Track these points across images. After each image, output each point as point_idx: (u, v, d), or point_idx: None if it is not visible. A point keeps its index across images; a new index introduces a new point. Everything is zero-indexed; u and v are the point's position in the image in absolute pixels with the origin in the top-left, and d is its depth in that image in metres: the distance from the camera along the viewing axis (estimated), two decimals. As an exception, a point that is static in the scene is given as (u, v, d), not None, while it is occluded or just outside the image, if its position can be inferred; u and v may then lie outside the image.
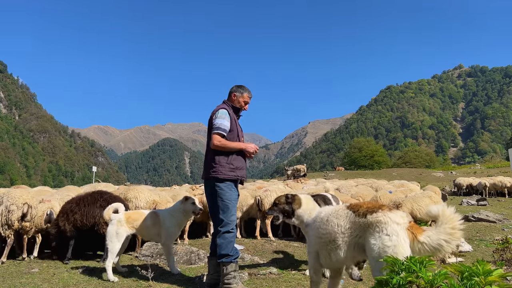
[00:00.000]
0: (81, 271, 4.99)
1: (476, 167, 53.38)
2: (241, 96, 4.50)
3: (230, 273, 4.04)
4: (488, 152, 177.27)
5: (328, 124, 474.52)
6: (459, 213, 2.87)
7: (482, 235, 7.61)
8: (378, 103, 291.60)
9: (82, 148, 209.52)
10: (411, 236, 2.83)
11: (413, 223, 2.98)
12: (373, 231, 2.92)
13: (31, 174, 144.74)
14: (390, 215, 2.90)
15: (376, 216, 2.93)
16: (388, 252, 2.74)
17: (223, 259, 4.07)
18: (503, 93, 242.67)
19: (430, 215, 2.94)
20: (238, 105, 4.48)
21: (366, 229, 2.98)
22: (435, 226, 2.84)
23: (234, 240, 4.19)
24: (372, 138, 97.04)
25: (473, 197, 16.04)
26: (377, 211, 2.97)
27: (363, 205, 3.14)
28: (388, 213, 2.93)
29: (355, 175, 36.01)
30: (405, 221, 2.90)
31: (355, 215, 3.09)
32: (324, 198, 5.25)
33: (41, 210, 6.00)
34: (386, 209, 3.01)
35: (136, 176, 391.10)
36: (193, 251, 5.70)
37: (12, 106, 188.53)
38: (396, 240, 2.79)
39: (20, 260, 5.76)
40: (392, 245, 2.79)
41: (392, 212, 2.95)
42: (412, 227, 2.89)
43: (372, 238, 2.91)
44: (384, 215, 2.91)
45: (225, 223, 4.12)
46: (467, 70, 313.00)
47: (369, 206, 3.09)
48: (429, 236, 2.80)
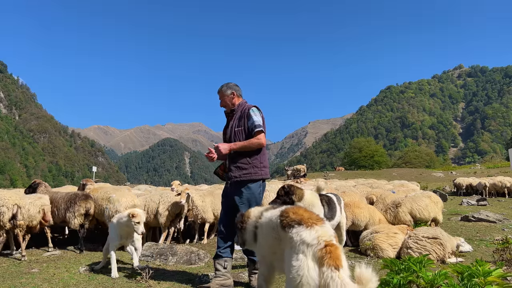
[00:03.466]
0: (81, 271, 4.99)
1: (476, 167, 53.38)
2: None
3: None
4: (488, 152, 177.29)
5: (328, 124, 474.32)
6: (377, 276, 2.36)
7: (482, 235, 7.61)
8: (378, 103, 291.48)
9: (82, 148, 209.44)
10: (320, 262, 2.40)
11: (334, 248, 2.42)
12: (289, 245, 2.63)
13: (31, 174, 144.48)
14: (303, 233, 2.51)
15: (290, 231, 2.60)
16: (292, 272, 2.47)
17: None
18: (503, 93, 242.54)
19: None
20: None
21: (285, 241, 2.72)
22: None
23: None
24: (372, 138, 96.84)
25: (473, 197, 16.02)
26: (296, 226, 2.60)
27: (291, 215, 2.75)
28: (304, 230, 2.53)
29: (355, 175, 36.01)
30: (319, 242, 2.45)
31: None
32: (328, 199, 5.09)
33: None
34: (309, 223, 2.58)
35: (136, 176, 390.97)
36: (193, 251, 5.70)
37: (12, 106, 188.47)
38: (303, 261, 2.44)
39: (20, 260, 5.76)
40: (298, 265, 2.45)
41: (309, 229, 2.52)
42: (328, 252, 2.39)
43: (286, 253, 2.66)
44: (297, 232, 2.54)
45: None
46: (467, 70, 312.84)
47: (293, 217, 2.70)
48: (332, 277, 2.31)
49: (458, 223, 9.35)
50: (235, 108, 4.42)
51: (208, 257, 5.64)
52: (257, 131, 4.15)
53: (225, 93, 4.41)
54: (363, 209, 6.79)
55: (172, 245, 6.08)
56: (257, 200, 4.20)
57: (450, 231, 7.45)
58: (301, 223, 2.56)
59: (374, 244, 5.67)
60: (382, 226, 6.34)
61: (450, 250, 5.40)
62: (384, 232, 5.81)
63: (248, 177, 4.15)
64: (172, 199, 6.95)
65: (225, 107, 4.48)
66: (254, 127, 4.16)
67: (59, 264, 5.47)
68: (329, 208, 4.95)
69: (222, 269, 4.18)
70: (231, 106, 4.43)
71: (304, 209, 2.82)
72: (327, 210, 4.90)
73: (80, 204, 6.49)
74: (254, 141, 4.14)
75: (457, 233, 7.72)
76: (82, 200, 6.55)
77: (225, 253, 4.22)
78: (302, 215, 2.64)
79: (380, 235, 5.76)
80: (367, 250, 5.77)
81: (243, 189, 4.17)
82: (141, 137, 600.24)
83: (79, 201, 6.51)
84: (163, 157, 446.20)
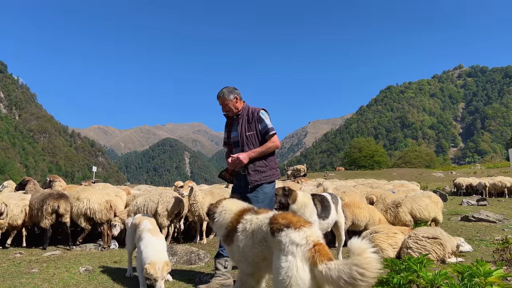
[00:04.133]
0: (81, 271, 4.99)
1: (476, 167, 53.42)
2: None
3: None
4: (488, 152, 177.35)
5: (328, 124, 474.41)
6: (368, 242, 2.38)
7: (482, 235, 7.60)
8: (378, 103, 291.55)
9: (82, 148, 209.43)
10: (311, 261, 2.41)
11: (322, 247, 2.46)
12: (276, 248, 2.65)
13: (31, 174, 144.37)
14: (292, 234, 2.54)
15: (279, 235, 2.63)
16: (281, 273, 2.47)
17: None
18: (503, 93, 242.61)
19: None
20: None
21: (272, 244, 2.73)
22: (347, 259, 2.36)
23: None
24: (372, 138, 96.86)
25: (473, 197, 16.03)
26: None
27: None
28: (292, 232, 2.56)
29: (355, 175, 36.02)
30: (307, 242, 2.47)
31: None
32: (322, 198, 5.21)
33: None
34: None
35: (136, 176, 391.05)
36: (193, 251, 5.70)
37: (12, 106, 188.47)
38: (292, 262, 2.45)
39: (20, 261, 5.76)
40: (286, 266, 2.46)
41: (296, 231, 2.55)
42: (317, 251, 2.43)
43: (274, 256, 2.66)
44: (286, 234, 2.56)
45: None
46: (467, 70, 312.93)
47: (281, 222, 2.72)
48: (329, 267, 2.32)
49: (458, 223, 9.35)
50: (239, 112, 4.41)
51: (208, 257, 5.64)
52: (271, 134, 4.28)
53: (228, 98, 4.37)
54: (363, 209, 6.79)
55: (172, 245, 6.08)
56: (272, 200, 4.39)
57: (450, 231, 7.45)
58: (289, 226, 2.62)
59: (374, 244, 5.66)
60: (382, 226, 6.33)
61: (450, 250, 5.40)
62: (384, 232, 5.81)
63: (268, 179, 4.29)
64: (171, 198, 6.95)
65: (229, 112, 4.45)
66: (268, 130, 4.29)
67: (59, 264, 5.47)
68: (322, 207, 4.97)
69: (222, 268, 4.18)
70: (235, 111, 4.42)
71: (292, 214, 2.87)
72: (321, 210, 4.92)
73: (49, 203, 6.48)
74: (270, 144, 4.29)
75: (457, 233, 7.72)
76: (52, 199, 6.53)
77: (227, 253, 4.22)
78: (291, 219, 2.70)
79: (380, 235, 5.76)
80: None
81: (260, 190, 4.26)
82: (141, 137, 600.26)
83: (48, 201, 6.50)
84: (163, 157, 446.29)
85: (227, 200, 3.48)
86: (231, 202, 3.42)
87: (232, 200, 3.48)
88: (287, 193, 4.80)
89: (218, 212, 3.33)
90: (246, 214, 3.12)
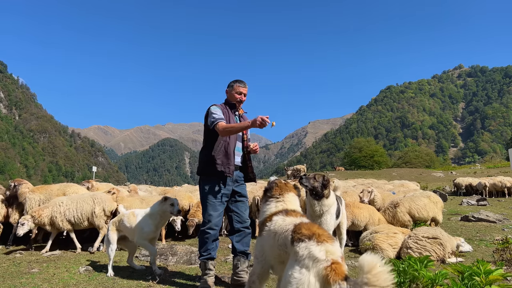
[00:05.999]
0: (81, 271, 4.99)
1: (476, 167, 53.42)
2: (232, 88, 4.35)
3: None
4: (488, 152, 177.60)
5: (328, 124, 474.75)
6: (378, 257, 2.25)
7: (482, 235, 7.60)
8: (378, 103, 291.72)
9: (82, 148, 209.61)
10: (325, 280, 2.32)
11: (339, 266, 2.35)
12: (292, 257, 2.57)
13: (31, 174, 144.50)
14: (312, 247, 2.44)
15: (299, 245, 2.53)
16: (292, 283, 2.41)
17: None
18: (503, 93, 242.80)
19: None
20: (233, 100, 4.37)
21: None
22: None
23: (207, 240, 4.18)
24: (372, 138, 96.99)
25: (473, 197, 16.02)
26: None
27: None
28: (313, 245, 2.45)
29: (355, 175, 35.99)
30: (326, 258, 2.37)
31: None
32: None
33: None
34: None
35: (136, 176, 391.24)
36: (193, 251, 5.70)
37: (12, 106, 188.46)
38: (305, 275, 2.37)
39: (20, 261, 5.75)
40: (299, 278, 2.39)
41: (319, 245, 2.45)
42: (334, 269, 2.32)
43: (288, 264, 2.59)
44: (306, 246, 2.47)
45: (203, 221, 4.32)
46: (467, 70, 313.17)
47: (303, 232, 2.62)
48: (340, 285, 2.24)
49: (458, 223, 9.35)
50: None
51: (208, 257, 5.64)
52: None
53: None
54: (362, 209, 6.78)
55: (172, 245, 6.08)
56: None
57: (450, 231, 7.45)
58: (311, 238, 2.52)
59: (374, 244, 5.66)
60: (382, 226, 6.33)
61: (450, 250, 5.40)
62: (384, 232, 5.81)
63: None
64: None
65: (242, 102, 4.45)
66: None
67: (59, 264, 5.47)
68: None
69: (213, 268, 4.23)
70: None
71: (318, 226, 2.75)
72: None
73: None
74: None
75: (457, 233, 7.72)
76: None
77: (215, 254, 4.29)
78: (315, 231, 2.59)
79: (380, 235, 5.75)
80: (367, 250, 5.77)
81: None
82: (141, 137, 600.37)
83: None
84: (163, 157, 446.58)
85: (291, 194, 3.27)
86: (294, 198, 3.25)
87: (295, 198, 3.28)
88: (326, 184, 4.20)
89: (275, 199, 3.21)
90: (277, 214, 3.04)
